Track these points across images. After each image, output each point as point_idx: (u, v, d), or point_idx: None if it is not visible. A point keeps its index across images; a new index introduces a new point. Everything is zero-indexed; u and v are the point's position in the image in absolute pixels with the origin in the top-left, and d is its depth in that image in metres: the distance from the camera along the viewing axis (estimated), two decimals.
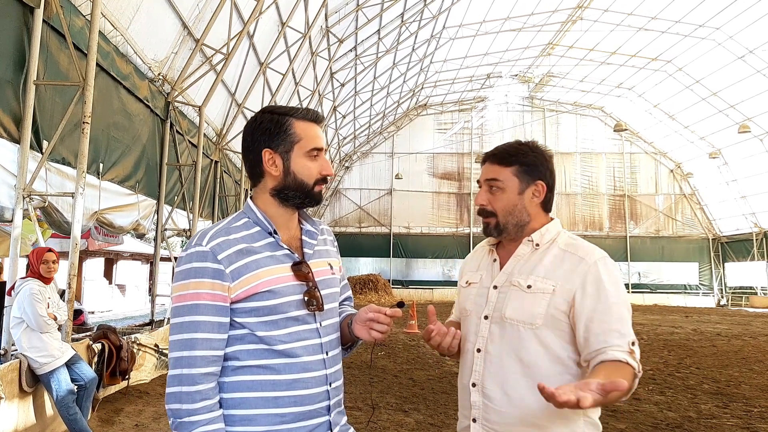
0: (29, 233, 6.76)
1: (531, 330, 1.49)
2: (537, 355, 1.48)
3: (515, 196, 1.60)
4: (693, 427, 5.25)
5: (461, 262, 1.92)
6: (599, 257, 1.51)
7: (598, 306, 1.44)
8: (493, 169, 1.62)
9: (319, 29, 13.94)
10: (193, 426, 1.29)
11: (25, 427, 4.40)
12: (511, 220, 1.60)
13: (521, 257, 1.60)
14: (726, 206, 25.49)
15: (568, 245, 1.57)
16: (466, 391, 1.62)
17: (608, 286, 1.46)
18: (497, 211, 1.61)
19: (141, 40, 7.40)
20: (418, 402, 6.12)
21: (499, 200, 1.61)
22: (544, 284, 1.51)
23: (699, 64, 20.77)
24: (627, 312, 1.47)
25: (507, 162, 1.61)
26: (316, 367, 1.41)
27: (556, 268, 1.52)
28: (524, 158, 1.61)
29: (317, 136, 1.47)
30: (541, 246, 1.59)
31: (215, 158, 11.82)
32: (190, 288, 1.34)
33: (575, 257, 1.52)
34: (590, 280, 1.47)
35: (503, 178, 1.60)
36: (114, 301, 20.94)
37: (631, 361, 1.38)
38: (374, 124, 26.22)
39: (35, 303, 4.19)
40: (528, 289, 1.52)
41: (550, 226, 1.62)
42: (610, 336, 1.41)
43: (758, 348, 10.73)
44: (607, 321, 1.43)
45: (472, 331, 1.63)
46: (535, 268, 1.55)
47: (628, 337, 1.42)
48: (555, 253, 1.55)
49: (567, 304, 1.48)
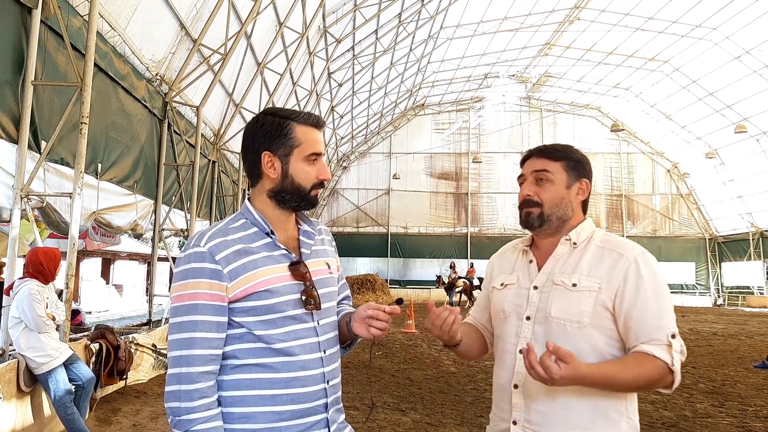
0: (27, 233, 6.75)
1: (578, 329, 1.50)
2: (583, 353, 1.47)
3: (563, 189, 1.63)
4: (689, 426, 5.28)
5: (459, 261, 1.92)
6: (639, 252, 1.52)
7: (637, 302, 1.46)
8: (542, 162, 1.65)
9: (316, 29, 13.94)
10: (191, 424, 1.31)
11: (23, 426, 4.40)
12: (557, 212, 1.62)
13: (560, 256, 1.61)
14: (723, 206, 25.55)
15: (606, 242, 1.58)
16: (506, 393, 1.60)
17: (647, 281, 1.47)
18: (544, 201, 1.62)
19: (139, 40, 7.40)
20: (415, 401, 6.14)
21: (546, 191, 1.62)
22: (589, 282, 1.51)
23: (696, 65, 20.82)
24: (668, 305, 1.48)
25: (556, 156, 1.64)
26: (314, 366, 1.42)
27: (598, 265, 1.53)
28: (573, 155, 1.66)
29: (317, 141, 1.49)
30: (579, 244, 1.60)
31: (213, 158, 11.82)
32: (188, 288, 1.36)
33: (615, 253, 1.53)
34: (631, 276, 1.48)
35: (553, 171, 1.63)
36: (111, 301, 20.92)
37: (664, 355, 1.40)
38: (372, 124, 26.23)
39: (34, 303, 4.20)
40: (573, 288, 1.53)
41: (585, 224, 1.64)
42: (647, 330, 1.44)
43: (754, 347, 10.77)
44: (644, 316, 1.45)
45: (512, 332, 1.62)
46: (576, 266, 1.56)
47: (667, 329, 1.44)
48: (593, 251, 1.57)
49: (611, 301, 1.49)
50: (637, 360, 1.42)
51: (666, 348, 1.42)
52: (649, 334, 1.43)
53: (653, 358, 1.41)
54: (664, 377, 1.42)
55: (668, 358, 1.41)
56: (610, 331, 1.50)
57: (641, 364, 1.41)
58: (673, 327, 1.46)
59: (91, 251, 17.93)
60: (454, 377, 7.53)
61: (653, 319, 1.44)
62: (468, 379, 7.40)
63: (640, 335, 1.45)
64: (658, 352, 1.41)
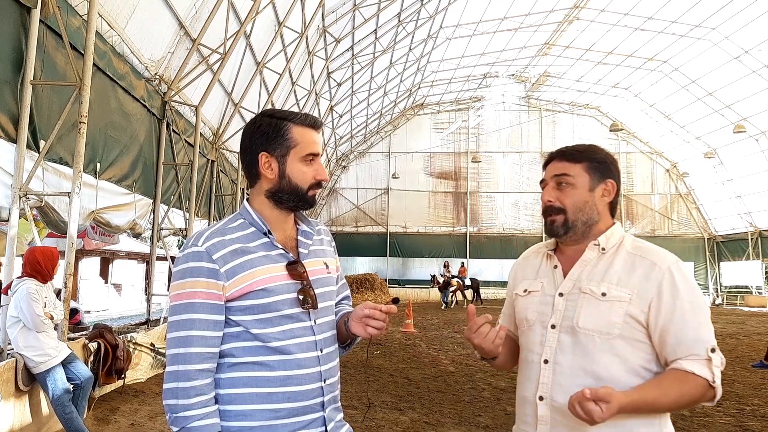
0: (26, 232, 6.76)
1: (606, 340, 1.43)
2: (612, 366, 1.42)
3: (586, 192, 1.54)
4: (686, 425, 5.30)
5: (458, 261, 1.89)
6: (672, 261, 1.45)
7: (674, 315, 1.39)
8: (562, 165, 1.57)
9: (315, 29, 13.94)
10: (188, 420, 1.32)
11: (21, 426, 4.41)
12: (581, 218, 1.54)
13: (588, 262, 1.52)
14: (721, 206, 25.55)
15: (637, 248, 1.50)
16: (530, 405, 1.53)
17: (683, 293, 1.41)
18: (567, 207, 1.54)
19: (138, 39, 7.40)
20: (413, 401, 6.15)
21: (568, 196, 1.55)
22: (620, 292, 1.44)
23: (695, 65, 20.81)
24: (705, 316, 1.41)
25: (577, 158, 1.56)
26: (310, 364, 1.44)
27: (629, 274, 1.45)
28: (595, 155, 1.57)
29: (314, 142, 1.50)
30: (608, 250, 1.52)
31: (212, 158, 11.83)
32: (186, 287, 1.38)
33: (647, 262, 1.46)
34: (666, 287, 1.41)
35: (574, 174, 1.55)
36: (110, 300, 20.92)
37: (704, 372, 1.34)
38: (371, 124, 26.21)
39: (32, 302, 4.20)
40: (603, 297, 1.45)
41: (614, 229, 1.56)
42: (685, 346, 1.38)
43: (752, 347, 10.79)
44: (682, 330, 1.38)
45: (536, 341, 1.55)
46: (606, 273, 1.48)
47: (706, 343, 1.37)
48: (624, 258, 1.49)
49: (643, 314, 1.42)
50: (676, 380, 1.36)
51: (706, 363, 1.35)
52: (688, 349, 1.37)
53: (693, 376, 1.34)
54: (705, 394, 1.36)
55: (709, 375, 1.34)
56: (640, 342, 1.44)
57: (681, 384, 1.35)
58: (712, 340, 1.38)
59: (90, 250, 17.92)
60: (453, 376, 7.54)
61: (691, 333, 1.38)
62: (466, 379, 7.41)
63: (678, 350, 1.38)
64: (699, 369, 1.35)
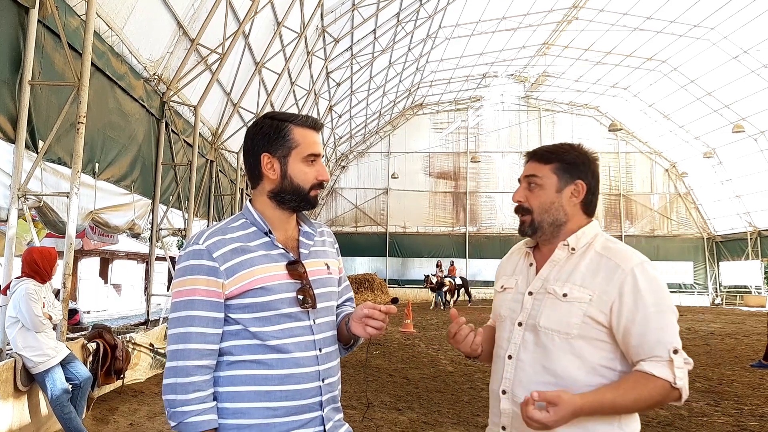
0: (24, 233, 6.76)
1: (566, 340, 1.45)
2: (571, 365, 1.44)
3: (553, 193, 1.56)
4: (684, 425, 5.30)
5: (457, 261, 1.90)
6: (636, 263, 1.45)
7: (636, 317, 1.39)
8: (532, 166, 1.60)
9: (314, 29, 13.93)
10: (186, 416, 1.34)
11: (19, 426, 4.41)
12: (547, 219, 1.56)
13: (557, 262, 1.55)
14: (720, 206, 25.57)
15: (605, 249, 1.50)
16: (496, 398, 1.58)
17: (646, 294, 1.40)
18: (533, 208, 1.57)
19: (136, 39, 7.40)
20: (412, 401, 6.15)
21: (536, 197, 1.57)
22: (581, 293, 1.45)
23: (694, 64, 20.82)
24: (669, 319, 1.41)
25: (546, 159, 1.58)
26: (308, 363, 1.45)
27: (593, 275, 1.46)
28: (564, 156, 1.58)
29: (315, 143, 1.52)
30: (578, 250, 1.53)
31: (211, 158, 11.82)
32: (186, 284, 1.41)
33: (611, 263, 1.46)
34: (627, 289, 1.41)
35: (542, 175, 1.57)
36: (109, 300, 20.92)
37: (664, 373, 1.35)
38: (370, 124, 26.21)
39: (31, 303, 4.20)
40: (564, 298, 1.47)
41: (587, 228, 1.56)
42: (647, 347, 1.38)
43: (751, 346, 10.79)
44: (644, 332, 1.38)
45: (504, 337, 1.59)
46: (571, 274, 1.49)
47: (669, 345, 1.37)
48: (591, 258, 1.50)
49: (603, 315, 1.42)
50: (636, 382, 1.37)
51: (667, 364, 1.35)
52: (650, 351, 1.37)
53: (653, 378, 1.35)
54: (668, 395, 1.36)
55: (670, 376, 1.35)
56: (601, 342, 1.44)
57: (641, 386, 1.36)
58: (675, 342, 1.38)
59: (89, 251, 17.92)
60: (451, 376, 7.54)
61: (653, 335, 1.38)
62: (465, 378, 7.41)
63: (640, 352, 1.39)
64: (659, 370, 1.35)
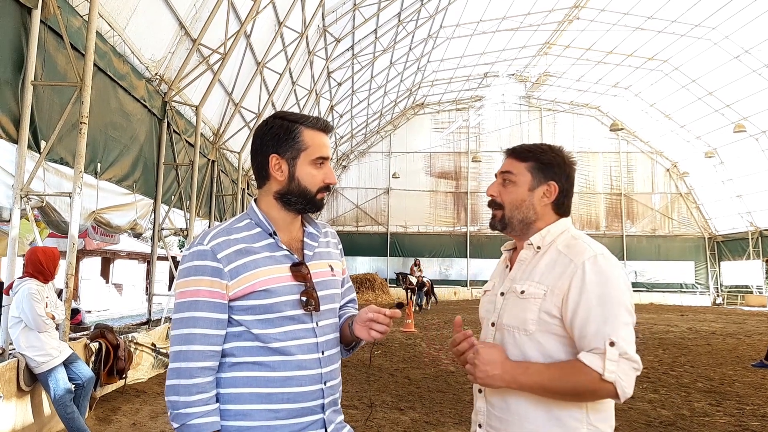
0: (27, 233, 6.77)
1: (525, 336, 1.48)
2: (535, 360, 1.46)
3: (525, 191, 1.59)
4: (686, 425, 5.30)
5: (458, 260, 1.92)
6: (588, 257, 1.44)
7: (578, 309, 1.40)
8: (509, 162, 1.63)
9: (316, 29, 13.94)
10: (188, 417, 1.34)
11: (23, 426, 4.42)
12: (517, 215, 1.59)
13: (523, 262, 1.58)
14: (722, 205, 25.55)
15: (565, 246, 1.52)
16: (476, 397, 1.62)
17: (591, 287, 1.40)
18: (505, 203, 1.61)
19: (138, 40, 7.41)
20: (413, 400, 6.16)
21: (509, 193, 1.60)
22: (537, 289, 1.48)
23: (695, 64, 20.81)
24: (614, 311, 1.38)
25: (523, 157, 1.61)
26: (311, 366, 1.44)
27: (550, 271, 1.49)
28: (541, 156, 1.60)
29: (324, 145, 1.52)
30: (543, 248, 1.56)
31: (212, 158, 11.83)
32: (190, 285, 1.40)
33: (566, 259, 1.48)
34: (575, 282, 1.43)
35: (516, 172, 1.60)
36: (111, 300, 20.93)
37: (593, 363, 1.34)
38: (371, 124, 26.22)
39: (34, 303, 4.21)
40: (521, 295, 1.51)
41: (552, 227, 1.58)
42: (588, 339, 1.38)
43: (752, 346, 10.79)
44: (586, 323, 1.38)
45: (483, 338, 1.64)
46: (531, 272, 1.53)
47: (606, 336, 1.35)
48: (551, 256, 1.52)
49: (557, 308, 1.44)
50: (572, 368, 1.37)
51: (600, 356, 1.34)
52: (590, 343, 1.37)
53: (583, 366, 1.34)
54: (598, 387, 1.34)
55: (599, 367, 1.33)
56: (560, 337, 1.45)
57: (573, 372, 1.36)
58: (614, 334, 1.35)
59: (91, 250, 17.94)
60: (453, 376, 7.54)
61: (593, 326, 1.37)
62: (467, 378, 7.42)
63: (583, 343, 1.39)
64: (590, 360, 1.34)
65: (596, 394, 1.38)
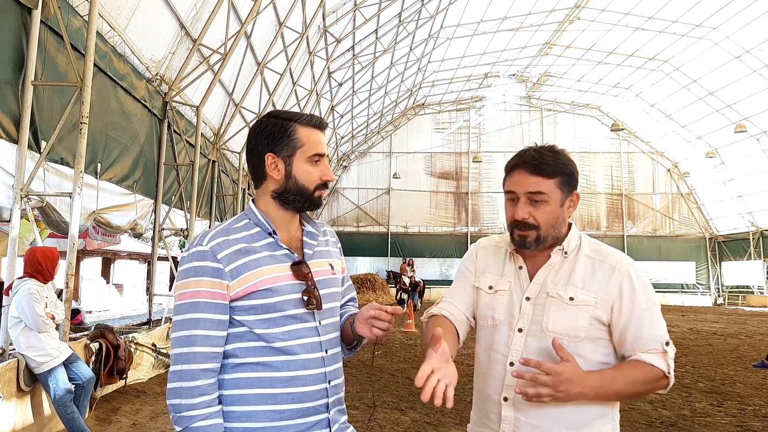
0: (27, 233, 6.76)
1: (574, 342, 1.48)
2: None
3: (558, 208, 1.54)
4: (687, 425, 5.29)
5: (458, 261, 1.90)
6: (629, 264, 1.53)
7: (633, 314, 1.48)
8: (535, 180, 1.52)
9: (316, 29, 13.94)
10: (191, 420, 1.32)
11: (23, 426, 4.41)
12: (552, 233, 1.55)
13: (553, 266, 1.56)
14: (723, 205, 25.53)
15: (594, 252, 1.57)
16: (494, 404, 1.55)
17: (640, 292, 1.49)
18: (540, 224, 1.53)
19: (138, 40, 7.41)
20: (414, 401, 6.15)
21: (542, 213, 1.52)
22: (586, 296, 1.50)
23: (696, 64, 20.79)
24: (658, 313, 1.51)
25: (549, 173, 1.52)
26: (315, 365, 1.44)
27: (591, 278, 1.52)
28: (565, 168, 1.55)
29: (319, 142, 1.50)
30: (569, 254, 1.57)
31: (213, 158, 11.83)
32: (190, 286, 1.38)
33: (606, 265, 1.52)
34: (626, 289, 1.49)
35: (548, 191, 1.52)
36: (112, 300, 20.94)
37: (659, 363, 1.44)
38: (372, 124, 26.22)
39: (33, 303, 4.21)
40: (571, 302, 1.50)
41: (573, 232, 1.60)
42: (643, 342, 1.47)
43: (753, 347, 10.78)
44: (640, 328, 1.47)
45: (501, 342, 1.57)
46: (570, 277, 1.53)
47: (661, 338, 1.47)
48: (584, 262, 1.54)
49: (606, 315, 1.49)
50: (634, 367, 1.46)
51: (662, 356, 1.45)
52: (645, 345, 1.46)
53: (650, 366, 1.44)
54: (660, 382, 1.46)
55: (665, 366, 1.45)
56: (602, 341, 1.52)
57: (638, 371, 1.45)
58: (666, 335, 1.49)
59: (92, 251, 17.93)
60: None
61: (647, 330, 1.47)
62: (467, 379, 7.39)
63: (636, 346, 1.47)
64: (656, 361, 1.44)
65: (653, 389, 1.49)
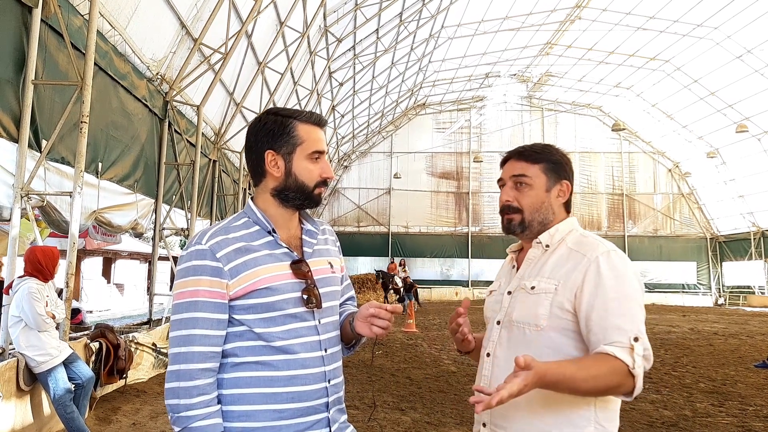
0: (27, 232, 6.76)
1: (536, 332, 1.46)
2: (543, 357, 1.40)
3: (543, 192, 1.58)
4: (688, 426, 5.28)
5: (459, 261, 1.91)
6: (602, 252, 1.45)
7: (596, 302, 1.39)
8: (520, 165, 1.60)
9: (317, 29, 13.93)
10: (190, 420, 1.31)
11: (22, 425, 4.41)
12: (537, 218, 1.58)
13: (532, 260, 1.58)
14: (724, 206, 25.51)
15: (576, 243, 1.53)
16: None
17: (608, 281, 1.40)
18: (524, 207, 1.58)
19: (139, 39, 7.40)
20: (414, 401, 6.14)
21: (526, 196, 1.58)
22: (547, 284, 1.48)
23: (697, 64, 20.78)
24: (632, 306, 1.39)
25: (535, 159, 1.59)
26: (315, 364, 1.43)
27: (561, 267, 1.49)
28: (551, 156, 1.61)
29: (319, 139, 1.50)
30: (552, 246, 1.56)
31: (213, 157, 11.82)
32: (189, 285, 1.37)
33: (578, 254, 1.48)
34: (590, 276, 1.42)
35: (532, 174, 1.58)
36: (112, 300, 20.94)
37: (624, 356, 1.31)
38: (373, 124, 26.21)
39: (34, 302, 4.20)
40: (532, 291, 1.50)
41: (560, 225, 1.59)
42: (608, 332, 1.36)
43: (755, 347, 10.76)
44: (605, 317, 1.37)
45: (487, 337, 1.62)
46: (541, 269, 1.53)
47: (630, 332, 1.35)
48: (562, 253, 1.53)
49: (570, 303, 1.43)
50: (595, 360, 1.33)
51: (628, 351, 1.32)
52: (610, 337, 1.35)
53: (613, 358, 1.31)
54: (624, 380, 1.32)
55: (629, 361, 1.31)
56: (572, 332, 1.44)
57: (601, 363, 1.32)
58: (636, 330, 1.36)
59: (92, 250, 17.94)
60: (454, 376, 7.53)
61: (613, 321, 1.36)
62: (468, 379, 7.40)
63: (601, 337, 1.36)
64: (618, 352, 1.31)
65: (620, 388, 1.34)
